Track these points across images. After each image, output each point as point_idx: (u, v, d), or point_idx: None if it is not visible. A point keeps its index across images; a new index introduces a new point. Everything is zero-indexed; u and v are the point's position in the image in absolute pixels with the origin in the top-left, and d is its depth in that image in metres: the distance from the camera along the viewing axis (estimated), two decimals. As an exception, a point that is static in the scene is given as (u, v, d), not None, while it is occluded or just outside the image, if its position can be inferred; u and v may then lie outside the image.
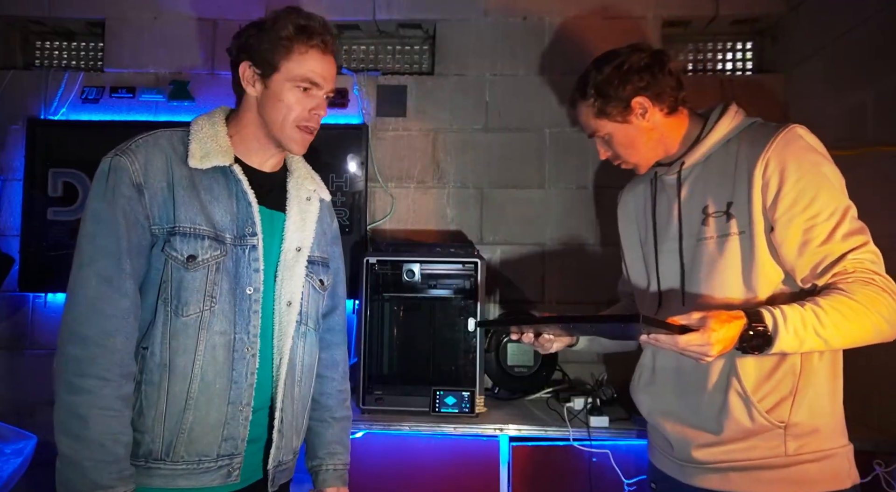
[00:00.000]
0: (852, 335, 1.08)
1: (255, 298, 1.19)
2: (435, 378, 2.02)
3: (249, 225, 1.21)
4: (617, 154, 1.36)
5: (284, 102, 1.22)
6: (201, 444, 1.14)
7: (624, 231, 1.50)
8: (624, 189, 1.55)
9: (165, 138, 1.21)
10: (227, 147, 1.23)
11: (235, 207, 1.21)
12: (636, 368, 1.40)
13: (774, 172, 1.16)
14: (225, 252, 1.17)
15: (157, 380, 1.13)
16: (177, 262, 1.14)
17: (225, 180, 1.22)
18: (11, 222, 2.52)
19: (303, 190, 1.34)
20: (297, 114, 1.23)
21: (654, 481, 1.40)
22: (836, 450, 1.18)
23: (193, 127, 1.23)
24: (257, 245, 1.21)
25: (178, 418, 1.13)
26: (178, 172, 1.17)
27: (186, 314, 1.14)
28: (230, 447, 1.17)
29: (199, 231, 1.16)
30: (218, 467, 1.16)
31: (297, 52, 1.21)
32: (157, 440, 1.13)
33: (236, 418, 1.17)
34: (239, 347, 1.17)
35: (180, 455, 1.13)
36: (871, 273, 1.10)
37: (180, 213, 1.15)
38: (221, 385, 1.16)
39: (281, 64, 1.21)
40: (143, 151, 1.16)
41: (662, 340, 1.03)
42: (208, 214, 1.18)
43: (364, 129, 2.52)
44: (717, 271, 1.21)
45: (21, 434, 2.12)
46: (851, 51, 2.08)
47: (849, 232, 1.12)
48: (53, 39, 2.77)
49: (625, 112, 1.29)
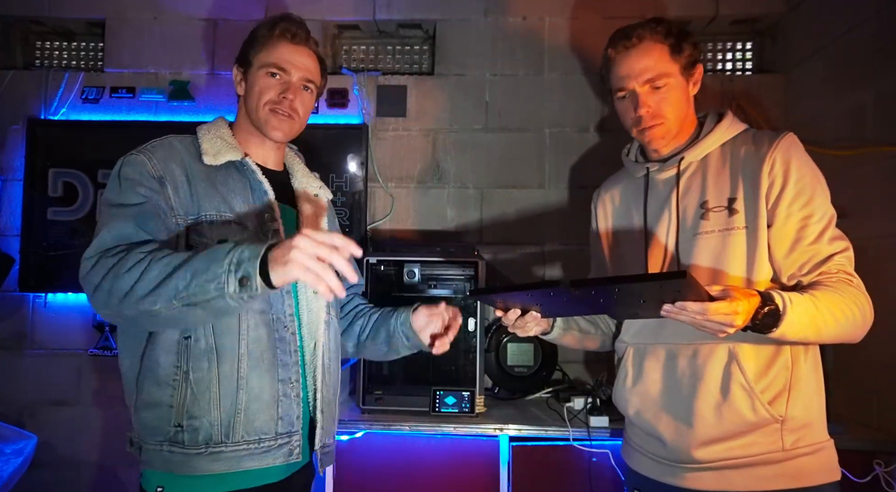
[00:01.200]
0: (839, 329, 1.13)
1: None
2: (435, 378, 2.02)
3: (269, 211, 1.25)
4: (660, 109, 1.29)
5: (256, 88, 1.30)
6: (259, 421, 1.17)
7: (604, 228, 1.50)
8: (600, 188, 1.55)
9: (177, 140, 1.27)
10: (236, 144, 1.30)
11: (252, 197, 1.26)
12: (619, 370, 1.39)
13: (780, 170, 1.21)
14: (249, 237, 1.21)
15: (205, 365, 1.15)
16: (208, 247, 1.11)
17: (239, 174, 1.28)
18: (11, 222, 2.52)
19: (309, 187, 1.40)
20: (268, 97, 1.29)
21: (636, 487, 1.39)
22: (825, 443, 1.23)
23: (200, 132, 1.31)
24: (279, 229, 1.25)
25: (233, 399, 1.15)
26: (194, 168, 1.23)
27: None
28: (286, 425, 1.20)
29: (226, 217, 1.21)
30: (278, 445, 1.19)
31: (268, 45, 1.30)
32: (214, 424, 1.15)
33: (288, 395, 1.21)
34: (278, 326, 1.21)
35: (241, 435, 1.16)
36: (849, 276, 1.18)
37: (204, 202, 1.20)
38: (269, 362, 1.19)
39: (254, 58, 1.31)
40: (158, 149, 1.23)
41: (690, 308, 1.00)
42: (229, 203, 1.23)
43: (364, 129, 2.52)
44: (721, 264, 1.23)
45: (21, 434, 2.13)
46: (851, 51, 2.08)
47: (833, 237, 1.20)
48: (53, 39, 2.77)
49: (690, 68, 1.31)
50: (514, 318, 1.28)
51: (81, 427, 2.47)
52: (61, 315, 2.51)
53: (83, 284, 1.08)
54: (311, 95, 1.36)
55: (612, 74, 1.33)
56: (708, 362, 1.23)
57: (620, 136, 2.57)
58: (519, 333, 1.33)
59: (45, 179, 2.50)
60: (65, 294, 2.50)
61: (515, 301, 1.26)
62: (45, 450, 2.37)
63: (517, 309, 1.27)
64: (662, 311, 1.03)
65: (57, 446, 2.45)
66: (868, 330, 1.18)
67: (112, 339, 2.43)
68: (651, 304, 1.05)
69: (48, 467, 2.42)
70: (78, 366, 2.49)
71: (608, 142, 2.52)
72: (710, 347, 1.23)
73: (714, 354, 1.22)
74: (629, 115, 1.33)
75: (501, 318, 1.30)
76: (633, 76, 1.28)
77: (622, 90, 1.31)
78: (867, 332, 1.18)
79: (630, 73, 1.28)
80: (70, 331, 2.49)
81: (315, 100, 1.40)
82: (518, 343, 2.25)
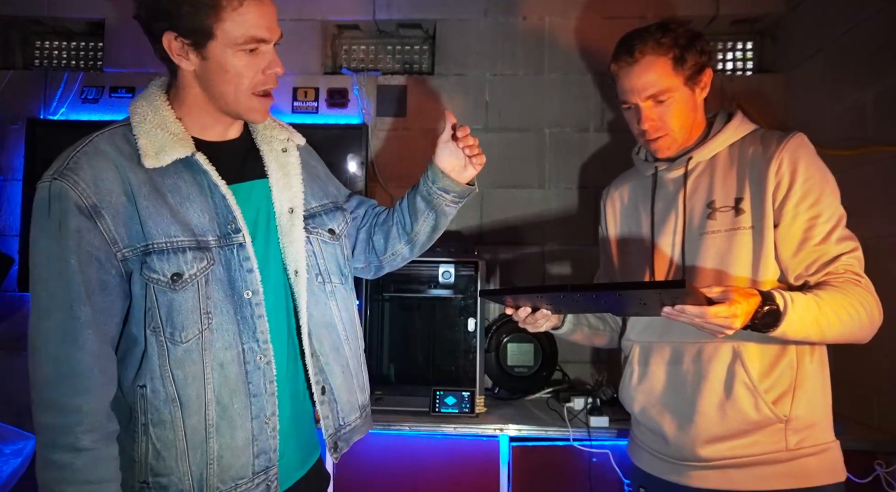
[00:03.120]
0: (844, 329, 1.13)
1: (257, 302, 1.07)
2: (435, 378, 2.02)
3: (231, 221, 1.06)
4: (664, 122, 1.29)
5: (232, 72, 1.04)
6: (234, 468, 1.05)
7: (612, 226, 1.51)
8: (609, 186, 1.55)
9: (106, 142, 1.03)
10: (182, 133, 1.06)
11: (211, 201, 1.06)
12: (625, 367, 1.40)
13: (787, 170, 1.21)
14: (213, 260, 1.04)
15: (167, 418, 1.02)
16: (160, 284, 1.00)
17: (191, 174, 1.06)
18: (11, 222, 2.52)
19: (275, 142, 1.18)
20: (251, 80, 1.05)
21: (642, 485, 1.39)
22: (831, 444, 1.23)
23: (135, 118, 1.06)
24: (245, 242, 1.07)
25: (203, 450, 1.03)
26: (134, 178, 1.01)
27: (185, 340, 1.01)
28: (264, 462, 1.08)
29: (178, 243, 1.01)
30: (255, 484, 1.07)
31: (230, 8, 1.00)
32: (185, 479, 1.03)
33: (264, 431, 1.07)
34: (250, 358, 1.06)
35: (215, 487, 1.04)
36: (857, 276, 1.17)
37: (150, 227, 1.00)
38: (240, 403, 1.05)
39: (215, 27, 1.01)
40: (85, 166, 0.99)
41: (689, 311, 1.01)
42: (183, 220, 1.03)
43: (364, 129, 2.52)
44: (727, 264, 1.23)
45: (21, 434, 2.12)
46: (851, 51, 2.08)
47: (842, 237, 1.19)
48: (53, 39, 2.77)
49: (696, 76, 1.29)
50: (525, 315, 1.28)
51: (81, 427, 2.47)
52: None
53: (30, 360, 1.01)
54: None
55: (616, 86, 1.34)
56: (712, 361, 1.23)
57: (620, 136, 2.58)
58: (530, 329, 1.34)
59: (45, 179, 2.49)
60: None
61: (525, 300, 1.27)
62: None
63: (527, 307, 1.28)
64: (663, 313, 1.05)
65: (56, 447, 2.44)
66: (876, 331, 1.17)
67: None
68: (651, 306, 1.08)
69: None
70: (78, 366, 2.48)
71: (608, 142, 2.52)
72: (715, 346, 1.23)
73: (718, 352, 1.23)
74: (634, 127, 1.34)
75: (512, 315, 1.30)
76: (635, 92, 1.28)
77: (625, 103, 1.32)
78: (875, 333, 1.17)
79: (632, 88, 1.28)
80: (70, 331, 2.49)
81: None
82: (518, 343, 2.25)
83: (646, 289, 1.02)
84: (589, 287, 1.08)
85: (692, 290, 0.97)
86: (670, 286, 0.98)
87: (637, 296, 1.06)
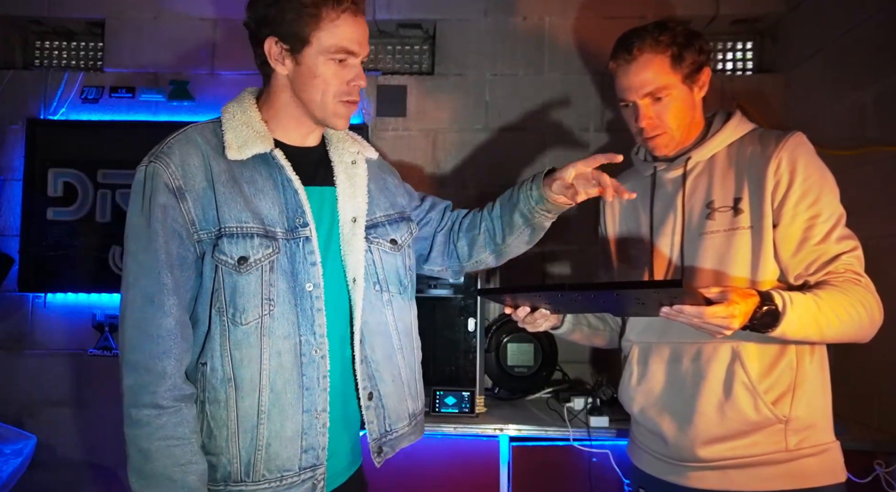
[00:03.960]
0: (843, 329, 1.13)
1: (317, 295, 1.11)
2: (435, 378, 2.02)
3: (300, 215, 1.12)
4: (661, 120, 1.28)
5: (321, 78, 1.11)
6: (281, 458, 1.07)
7: (611, 226, 1.51)
8: None
9: (198, 133, 1.13)
10: (265, 132, 1.14)
11: (283, 196, 1.13)
12: (624, 367, 1.40)
13: (785, 170, 1.21)
14: (278, 249, 1.09)
15: (222, 397, 1.06)
16: (227, 266, 1.07)
17: (268, 169, 1.13)
18: (11, 222, 2.52)
19: (346, 154, 1.24)
20: (337, 88, 1.13)
21: (642, 485, 1.39)
22: (831, 444, 1.22)
23: (225, 116, 1.15)
24: (311, 236, 1.12)
25: (253, 435, 1.06)
26: (216, 167, 1.10)
27: (245, 322, 1.06)
28: (311, 458, 1.10)
29: (248, 229, 1.08)
30: (301, 480, 1.09)
31: (328, 19, 1.08)
32: (234, 461, 1.06)
33: (314, 426, 1.10)
34: (306, 351, 1.10)
35: (261, 474, 1.07)
36: (857, 275, 1.16)
37: (224, 212, 1.07)
38: (293, 393, 1.08)
39: (311, 36, 1.09)
40: (177, 151, 1.09)
41: (687, 311, 1.02)
42: (255, 209, 1.09)
43: (364, 129, 2.53)
44: (725, 264, 1.23)
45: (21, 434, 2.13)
46: (851, 51, 2.08)
47: (842, 236, 1.18)
48: (53, 39, 2.77)
49: (694, 75, 1.29)
50: (524, 315, 1.28)
51: (81, 427, 2.47)
52: (61, 315, 2.51)
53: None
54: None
55: (615, 84, 1.34)
56: (711, 361, 1.23)
57: (621, 135, 2.58)
58: (529, 329, 1.33)
59: (45, 179, 2.50)
60: (64, 294, 2.50)
61: (524, 299, 1.27)
62: (45, 450, 2.36)
63: (526, 306, 1.28)
64: (661, 313, 1.05)
65: (56, 447, 2.44)
66: (877, 330, 1.17)
67: (112, 339, 2.43)
68: (650, 306, 1.08)
69: (48, 467, 2.41)
70: (77, 366, 2.48)
71: (608, 142, 2.52)
72: (714, 346, 1.22)
73: (717, 353, 1.22)
74: (632, 125, 1.34)
75: (511, 314, 1.29)
76: (633, 89, 1.29)
77: (623, 101, 1.33)
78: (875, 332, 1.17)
79: (630, 86, 1.29)
80: (70, 331, 2.49)
81: None
82: (518, 343, 2.25)
83: (643, 288, 1.03)
84: (587, 286, 1.08)
85: (690, 289, 0.98)
86: (668, 286, 0.99)
87: (635, 295, 1.06)
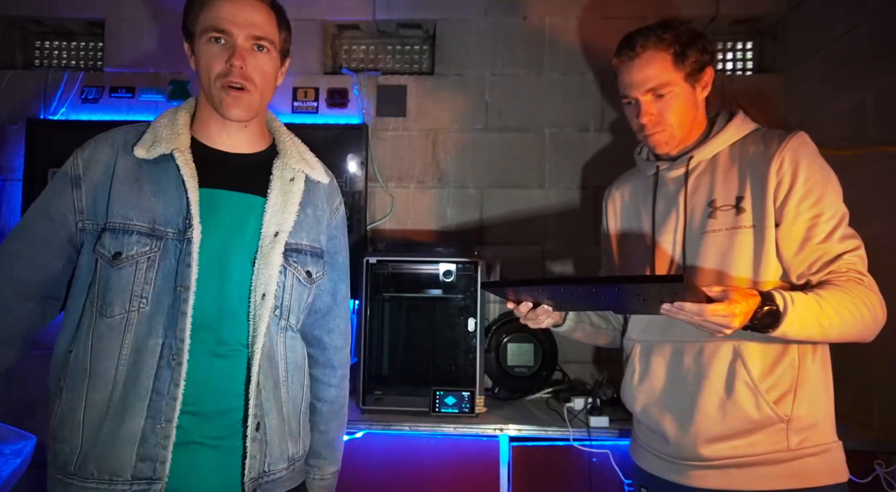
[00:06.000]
0: (845, 328, 1.13)
1: (184, 298, 1.07)
2: (435, 378, 2.02)
3: (187, 217, 1.09)
4: (663, 117, 1.29)
5: (203, 62, 1.13)
6: (111, 461, 1.03)
7: (614, 225, 1.51)
8: (612, 185, 1.56)
9: (123, 131, 1.17)
10: (180, 133, 1.14)
11: (182, 198, 1.11)
12: (627, 366, 1.40)
13: (788, 169, 1.21)
14: (159, 247, 1.08)
15: (77, 386, 1.06)
16: (104, 259, 1.08)
17: (174, 170, 1.12)
18: (11, 222, 2.52)
19: (287, 170, 1.22)
20: (216, 70, 1.11)
21: (643, 485, 1.39)
22: (832, 444, 1.22)
23: (157, 117, 1.19)
24: (193, 239, 1.08)
25: (96, 429, 1.04)
26: (121, 164, 1.12)
27: (111, 315, 1.06)
28: (147, 470, 1.03)
29: (130, 226, 1.08)
30: (132, 491, 1.03)
31: (205, 4, 1.13)
32: (73, 452, 1.05)
33: (154, 435, 1.03)
34: (166, 354, 1.06)
35: (90, 471, 1.03)
36: (860, 274, 1.16)
37: (113, 207, 1.09)
38: (139, 395, 1.04)
39: (195, 24, 1.14)
40: (92, 145, 1.15)
41: (688, 309, 1.02)
42: (148, 208, 1.09)
43: (364, 129, 2.52)
44: (727, 263, 1.23)
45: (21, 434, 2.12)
46: (851, 51, 2.08)
47: (844, 235, 1.19)
48: (53, 39, 2.76)
49: (697, 74, 1.30)
50: (526, 310, 1.28)
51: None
52: (61, 315, 2.50)
53: None
54: (268, 56, 1.15)
55: (618, 81, 1.35)
56: (713, 360, 1.23)
57: (621, 136, 2.58)
58: (531, 325, 1.33)
59: (45, 179, 2.48)
60: (64, 294, 2.50)
61: (526, 294, 1.26)
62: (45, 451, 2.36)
63: (528, 302, 1.27)
64: (661, 310, 1.05)
65: (56, 447, 2.44)
66: (880, 329, 1.16)
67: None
68: (651, 303, 1.08)
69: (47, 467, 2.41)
70: (77, 366, 2.48)
71: (609, 142, 2.52)
72: (716, 345, 1.23)
73: (719, 351, 1.23)
74: (634, 122, 1.35)
75: (513, 310, 1.30)
76: (635, 85, 1.30)
77: (626, 98, 1.33)
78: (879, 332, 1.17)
79: (632, 82, 1.30)
80: (70, 331, 2.49)
81: (279, 60, 1.20)
82: (518, 343, 2.25)
83: (644, 283, 1.02)
84: (588, 280, 1.10)
85: (690, 285, 0.98)
86: (669, 280, 0.99)
87: (636, 291, 1.05)
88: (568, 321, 1.45)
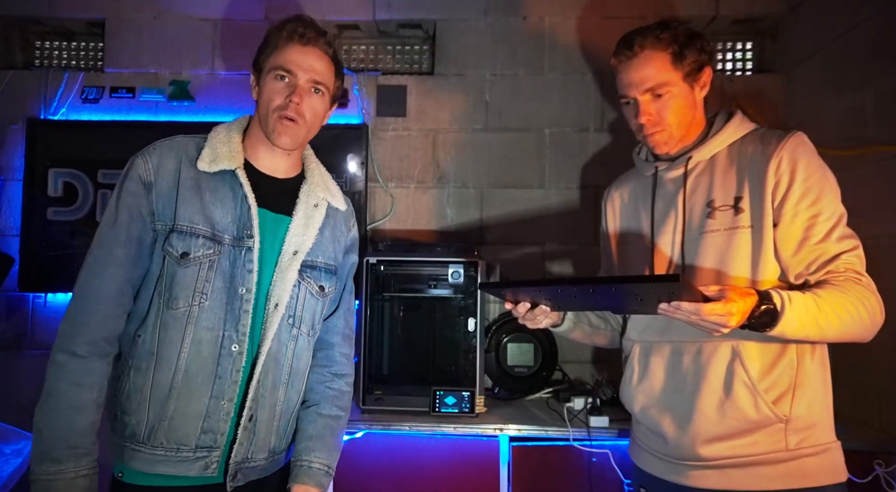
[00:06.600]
0: (843, 328, 1.13)
1: (247, 299, 1.23)
2: (435, 378, 2.02)
3: (248, 227, 1.25)
4: (661, 117, 1.30)
5: (265, 93, 1.28)
6: (180, 432, 1.19)
7: (613, 226, 1.51)
8: (611, 186, 1.56)
9: (183, 142, 1.29)
10: (237, 152, 1.29)
11: (237, 209, 1.26)
12: (625, 366, 1.40)
13: (786, 169, 1.21)
14: (220, 251, 1.23)
15: (144, 366, 1.20)
16: (172, 257, 1.21)
17: (231, 184, 1.27)
18: (11, 222, 2.52)
19: (312, 196, 1.37)
20: (276, 103, 1.27)
21: (642, 485, 1.39)
22: (831, 444, 1.22)
23: (211, 133, 1.31)
24: (253, 247, 1.24)
25: (162, 405, 1.19)
26: (185, 173, 1.25)
27: (175, 307, 1.20)
28: (209, 440, 1.21)
29: (195, 230, 1.22)
30: (196, 457, 1.20)
31: (277, 47, 1.28)
32: (140, 424, 1.19)
33: (217, 411, 1.21)
34: (226, 344, 1.22)
35: (160, 441, 1.19)
36: (858, 274, 1.17)
37: (180, 212, 1.22)
38: (204, 378, 1.20)
39: (264, 62, 1.30)
40: (158, 152, 1.26)
41: (685, 308, 1.02)
42: (208, 215, 1.23)
43: (364, 129, 2.52)
44: (726, 263, 1.23)
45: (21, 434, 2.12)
46: (851, 51, 2.08)
47: (842, 235, 1.19)
48: (53, 39, 2.77)
49: (695, 73, 1.30)
50: (524, 311, 1.28)
51: (81, 427, 2.47)
52: (61, 315, 2.49)
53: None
54: (321, 99, 1.31)
55: (616, 81, 1.35)
56: (711, 360, 1.23)
57: (621, 136, 2.58)
58: (529, 325, 1.34)
59: (45, 179, 2.50)
60: (65, 294, 2.50)
61: (524, 295, 1.27)
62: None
63: (526, 303, 1.28)
64: (659, 309, 1.05)
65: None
66: (878, 329, 1.16)
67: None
68: (648, 303, 1.08)
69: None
70: (78, 366, 2.48)
71: (608, 142, 2.53)
72: (714, 345, 1.23)
73: (718, 351, 1.23)
74: (633, 122, 1.35)
75: (511, 311, 1.30)
76: (633, 85, 1.30)
77: (624, 98, 1.33)
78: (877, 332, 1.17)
79: (631, 82, 1.30)
80: (70, 331, 2.49)
81: (329, 104, 1.36)
82: (518, 343, 2.25)
83: (641, 283, 1.03)
84: (585, 280, 1.11)
85: (687, 284, 0.98)
86: (665, 280, 1.00)
87: (633, 291, 1.06)
88: (566, 321, 1.45)
